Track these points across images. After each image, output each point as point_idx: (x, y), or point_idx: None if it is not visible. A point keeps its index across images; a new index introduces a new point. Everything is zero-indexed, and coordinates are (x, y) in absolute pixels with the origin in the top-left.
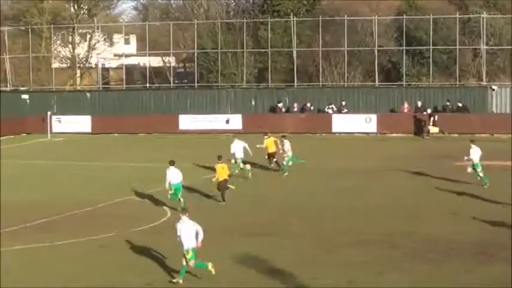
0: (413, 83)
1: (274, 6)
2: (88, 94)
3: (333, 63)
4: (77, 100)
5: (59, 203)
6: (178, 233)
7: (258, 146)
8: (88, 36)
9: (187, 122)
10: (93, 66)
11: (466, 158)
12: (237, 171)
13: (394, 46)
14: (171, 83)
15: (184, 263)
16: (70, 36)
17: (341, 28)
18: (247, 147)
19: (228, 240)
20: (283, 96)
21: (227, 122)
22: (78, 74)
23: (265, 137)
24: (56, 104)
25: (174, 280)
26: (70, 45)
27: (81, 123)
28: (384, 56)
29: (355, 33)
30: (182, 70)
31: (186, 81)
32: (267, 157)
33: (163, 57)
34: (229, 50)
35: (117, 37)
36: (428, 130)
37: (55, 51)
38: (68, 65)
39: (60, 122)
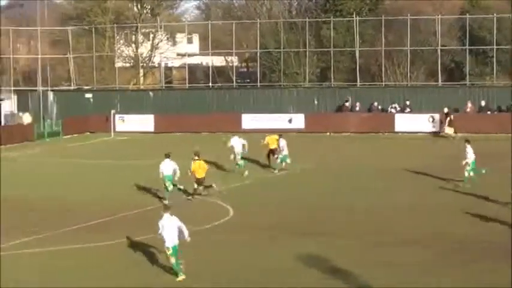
0: (477, 83)
1: (337, 5)
2: (151, 93)
3: (395, 62)
4: (140, 99)
5: (120, 202)
6: (160, 231)
7: (262, 140)
8: (151, 35)
9: (250, 121)
10: (156, 65)
11: (464, 162)
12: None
13: (457, 45)
14: (234, 82)
15: (172, 261)
16: (133, 36)
17: (404, 27)
18: (246, 146)
19: (282, 239)
20: (346, 95)
21: (290, 121)
22: (142, 73)
23: (268, 135)
24: (119, 103)
25: (178, 278)
26: (133, 45)
27: (144, 122)
28: (447, 55)
29: (418, 32)
30: (245, 69)
31: (248, 80)
32: (267, 153)
33: (226, 57)
34: (292, 49)
35: (180, 36)
36: (443, 130)
37: (118, 51)
38: (131, 64)
39: (123, 121)
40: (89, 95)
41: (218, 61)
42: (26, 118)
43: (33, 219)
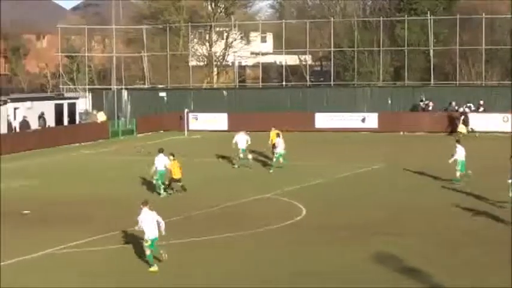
0: None
1: (411, 4)
2: (225, 92)
3: (470, 62)
4: (213, 98)
5: (198, 200)
6: (140, 224)
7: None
8: (225, 34)
9: (324, 120)
10: (230, 64)
11: (451, 160)
12: (236, 166)
13: None
14: (307, 81)
15: (148, 253)
16: (207, 34)
17: (478, 26)
18: (249, 141)
19: (356, 239)
20: (420, 95)
21: (363, 120)
22: (215, 72)
23: (273, 129)
24: (192, 101)
25: (150, 269)
26: (207, 43)
27: (217, 120)
28: None
29: (493, 31)
30: (318, 68)
31: (322, 79)
32: (271, 148)
33: (300, 56)
34: (366, 48)
35: (253, 35)
36: (456, 129)
37: (192, 49)
38: (205, 63)
39: (196, 119)
40: (162, 94)
41: (292, 60)
42: (101, 116)
43: (107, 216)
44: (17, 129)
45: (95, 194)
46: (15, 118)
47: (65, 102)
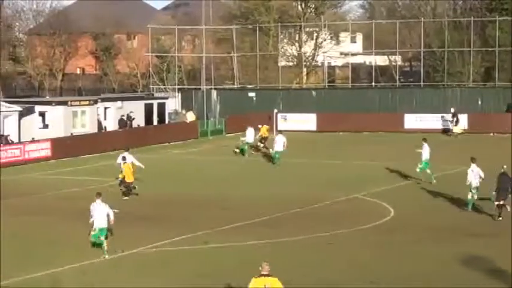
0: None
1: (503, 4)
2: (314, 92)
3: None
4: (302, 98)
5: (286, 200)
6: (92, 213)
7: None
8: (315, 34)
9: (413, 121)
10: (319, 64)
11: (417, 150)
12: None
13: None
14: (397, 81)
15: (93, 240)
16: (297, 35)
17: None
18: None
19: (443, 240)
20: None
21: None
22: (305, 72)
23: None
24: (281, 101)
25: (101, 257)
26: (297, 44)
27: (306, 121)
28: None
29: None
30: (408, 69)
31: (411, 80)
32: (260, 140)
33: (389, 56)
34: (456, 48)
35: (343, 35)
36: (452, 129)
37: (282, 50)
38: (295, 63)
39: (285, 119)
40: (252, 94)
41: (381, 60)
42: (190, 116)
43: (200, 215)
44: (116, 127)
45: (185, 194)
46: (105, 118)
47: (155, 102)
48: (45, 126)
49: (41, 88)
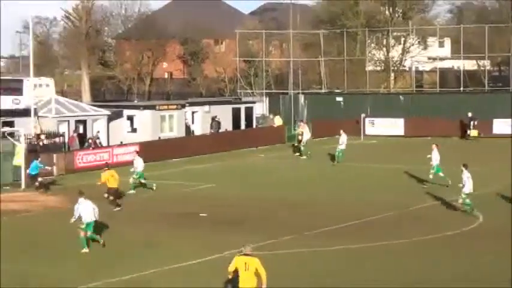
0: None
1: None
2: (401, 97)
3: None
4: (390, 103)
5: (372, 205)
6: (75, 213)
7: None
8: (402, 39)
9: (502, 125)
10: (407, 69)
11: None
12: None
13: None
14: (486, 86)
15: (82, 235)
16: (384, 39)
17: None
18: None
19: None
20: None
21: None
22: (392, 77)
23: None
24: (369, 106)
25: (82, 251)
26: (384, 48)
27: (394, 125)
28: None
29: None
30: (497, 74)
31: (500, 84)
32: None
33: (478, 60)
34: None
35: (431, 40)
36: (469, 133)
37: (369, 54)
38: (382, 67)
39: (373, 124)
40: (339, 98)
41: (470, 65)
42: (277, 121)
43: (288, 219)
44: (203, 131)
45: (272, 198)
46: (193, 122)
47: (242, 107)
48: (133, 130)
49: (130, 92)
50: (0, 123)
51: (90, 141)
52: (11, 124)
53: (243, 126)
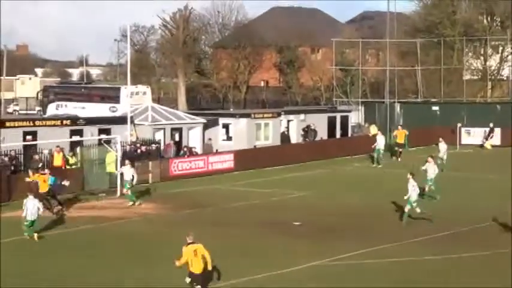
0: None
1: None
2: (498, 106)
3: None
4: (486, 112)
5: (466, 214)
6: (24, 207)
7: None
8: (500, 48)
9: None
10: (504, 78)
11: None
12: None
13: None
14: None
15: (25, 229)
16: (482, 48)
17: None
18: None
19: None
20: None
21: None
22: (489, 86)
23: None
24: (465, 115)
25: (31, 236)
26: (482, 57)
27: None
28: None
29: None
30: None
31: None
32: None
33: None
34: None
35: None
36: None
37: (467, 63)
38: (479, 77)
39: (469, 134)
40: (435, 107)
41: None
42: (373, 129)
43: (382, 228)
44: (298, 139)
45: (367, 206)
46: (288, 130)
47: (338, 115)
48: (229, 138)
49: (225, 100)
50: (96, 130)
51: (185, 149)
52: (107, 131)
53: (338, 135)
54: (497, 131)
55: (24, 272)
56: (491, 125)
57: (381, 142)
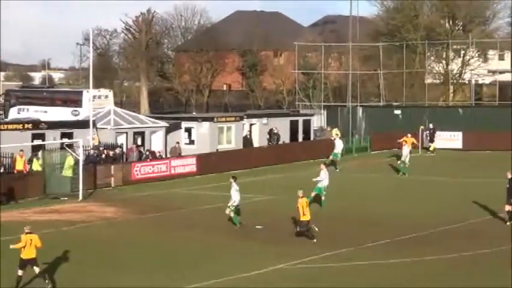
0: None
1: None
2: (460, 110)
3: None
4: (448, 116)
5: (428, 218)
6: None
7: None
8: (462, 52)
9: None
10: (466, 82)
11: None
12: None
13: None
14: None
15: None
16: (444, 52)
17: None
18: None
19: None
20: None
21: None
22: (451, 90)
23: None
24: (427, 119)
25: None
26: (444, 61)
27: (452, 139)
28: None
29: None
30: None
31: None
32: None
33: None
34: None
35: (491, 53)
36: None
37: (429, 67)
38: (441, 80)
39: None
40: (397, 111)
41: None
42: (335, 133)
43: (344, 232)
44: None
45: (329, 210)
46: (250, 134)
47: (300, 119)
48: (191, 142)
49: (188, 104)
50: (59, 134)
51: (147, 153)
52: (70, 135)
53: (300, 139)
54: (459, 135)
55: None
56: (431, 125)
57: (338, 146)
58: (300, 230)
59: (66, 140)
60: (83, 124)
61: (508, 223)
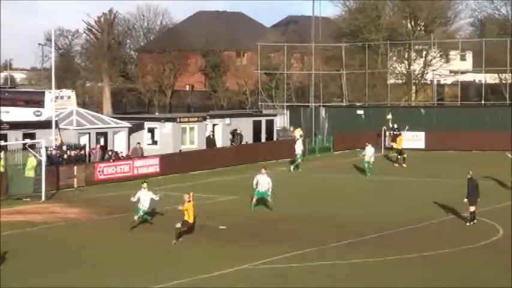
0: None
1: None
2: (422, 110)
3: None
4: (411, 116)
5: (391, 218)
6: None
7: None
8: (424, 52)
9: None
10: (428, 82)
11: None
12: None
13: None
14: (507, 100)
15: None
16: (406, 53)
17: None
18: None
19: None
20: None
21: None
22: (414, 90)
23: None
24: (390, 119)
25: None
26: (406, 61)
27: (414, 139)
28: None
29: None
30: None
31: None
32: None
33: (500, 74)
34: None
35: (453, 53)
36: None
37: (391, 67)
38: (403, 81)
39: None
40: (360, 111)
41: (492, 78)
42: (298, 133)
43: (307, 232)
44: (224, 144)
45: (291, 211)
46: (214, 134)
47: (263, 119)
48: (154, 142)
49: (151, 105)
50: (21, 135)
51: (110, 153)
52: (32, 136)
53: (263, 139)
54: (422, 135)
55: None
56: (395, 125)
57: (298, 148)
58: (182, 229)
59: (28, 141)
60: (46, 125)
61: (467, 223)
